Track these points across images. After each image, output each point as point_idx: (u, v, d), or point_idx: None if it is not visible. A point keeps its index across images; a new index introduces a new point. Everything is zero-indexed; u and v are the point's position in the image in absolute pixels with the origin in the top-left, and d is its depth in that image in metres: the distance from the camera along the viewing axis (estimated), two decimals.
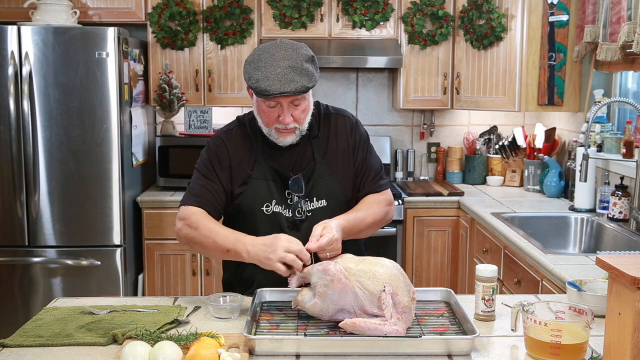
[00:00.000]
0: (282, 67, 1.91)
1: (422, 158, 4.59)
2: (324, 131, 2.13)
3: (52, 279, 3.71)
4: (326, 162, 2.09)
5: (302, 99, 1.98)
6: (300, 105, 1.99)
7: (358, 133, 2.15)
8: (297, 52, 1.96)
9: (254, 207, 2.05)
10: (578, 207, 3.47)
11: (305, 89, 1.92)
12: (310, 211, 2.06)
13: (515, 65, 3.95)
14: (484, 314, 1.84)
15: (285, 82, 1.89)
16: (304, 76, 1.92)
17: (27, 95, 3.57)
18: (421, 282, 3.97)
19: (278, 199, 2.05)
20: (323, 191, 2.07)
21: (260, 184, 2.06)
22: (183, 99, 4.12)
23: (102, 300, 2.08)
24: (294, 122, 1.99)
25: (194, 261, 3.94)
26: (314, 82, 1.95)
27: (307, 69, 1.94)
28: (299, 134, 2.03)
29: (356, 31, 4.14)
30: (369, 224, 2.06)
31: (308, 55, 1.98)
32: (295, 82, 1.90)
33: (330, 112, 2.17)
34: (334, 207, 2.07)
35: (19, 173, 3.63)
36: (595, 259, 1.44)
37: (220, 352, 1.55)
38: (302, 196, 2.05)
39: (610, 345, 1.39)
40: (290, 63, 1.92)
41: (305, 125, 2.04)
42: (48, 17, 3.72)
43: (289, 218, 2.05)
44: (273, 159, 2.07)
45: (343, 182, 2.10)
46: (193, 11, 4.03)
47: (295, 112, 1.98)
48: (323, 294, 1.71)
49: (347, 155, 2.12)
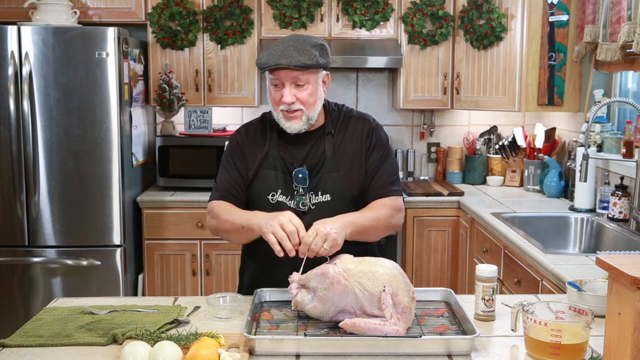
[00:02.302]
0: (286, 46, 2.01)
1: (422, 158, 4.59)
2: (340, 131, 2.16)
3: (52, 279, 3.71)
4: (336, 159, 2.12)
5: (305, 82, 2.03)
6: (305, 88, 2.03)
7: (375, 137, 2.17)
8: (306, 39, 2.05)
9: (260, 196, 2.12)
10: (578, 207, 3.47)
11: (301, 65, 1.98)
12: (315, 204, 2.09)
13: (515, 65, 3.95)
14: (484, 314, 1.84)
15: (283, 57, 1.98)
16: (304, 55, 1.99)
17: (27, 95, 3.57)
18: (421, 282, 3.97)
19: (284, 189, 2.10)
20: (329, 186, 2.10)
21: (269, 174, 2.12)
22: (183, 99, 4.12)
23: (102, 300, 2.08)
24: (299, 103, 2.03)
25: (194, 261, 3.94)
26: (313, 62, 1.99)
27: (309, 51, 2.00)
28: (306, 121, 2.07)
29: (356, 31, 4.14)
30: (370, 225, 2.05)
31: (316, 42, 2.05)
32: (292, 57, 1.98)
33: (352, 115, 2.21)
34: (338, 202, 2.09)
35: (19, 173, 3.63)
36: (595, 259, 1.44)
37: (220, 352, 1.55)
38: (306, 188, 2.08)
39: (610, 345, 1.39)
40: (294, 44, 2.01)
41: (313, 112, 2.07)
42: (48, 17, 3.72)
43: (292, 209, 2.07)
44: (285, 151, 2.13)
45: (350, 180, 2.12)
46: (193, 11, 4.03)
47: (300, 94, 2.03)
48: (323, 298, 1.71)
49: (359, 157, 2.14)
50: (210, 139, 4.07)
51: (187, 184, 4.05)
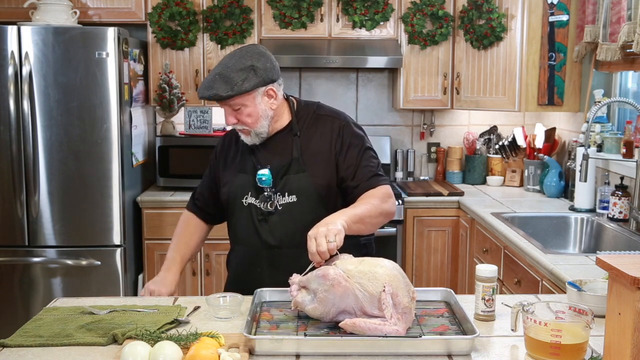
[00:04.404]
0: (214, 73, 2.06)
1: (422, 158, 4.59)
2: (309, 131, 2.19)
3: (52, 279, 3.71)
4: (302, 160, 2.14)
5: (240, 105, 2.07)
6: (242, 110, 2.09)
7: (347, 134, 2.17)
8: (239, 60, 2.06)
9: (235, 199, 2.20)
10: (578, 207, 3.47)
11: (218, 97, 2.04)
12: (282, 205, 2.14)
13: (515, 65, 3.95)
14: (484, 314, 1.84)
15: (207, 89, 2.05)
16: (226, 84, 2.03)
17: (27, 95, 3.57)
18: (421, 282, 3.97)
19: (254, 192, 2.16)
20: (294, 187, 2.13)
21: (242, 177, 2.19)
22: (183, 99, 4.12)
23: (102, 300, 2.08)
24: (240, 124, 2.11)
25: (194, 261, 3.94)
26: (234, 92, 2.03)
27: (232, 78, 2.03)
28: (255, 136, 2.15)
29: (356, 31, 4.14)
30: (363, 213, 2.02)
31: (245, 65, 2.05)
32: (212, 89, 2.03)
33: (321, 114, 2.23)
34: (304, 203, 2.12)
35: (19, 173, 3.63)
36: (595, 259, 1.44)
37: (220, 352, 1.55)
38: (271, 189, 2.13)
39: (610, 345, 1.39)
40: (222, 70, 2.05)
41: (259, 128, 2.13)
42: (48, 17, 3.72)
43: (259, 210, 2.15)
44: (256, 154, 2.19)
45: (317, 180, 2.13)
46: (193, 11, 4.03)
47: (239, 116, 2.09)
48: (324, 299, 1.71)
49: (328, 156, 2.15)
50: (210, 139, 4.06)
51: (187, 184, 4.04)
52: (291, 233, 2.11)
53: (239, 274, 2.24)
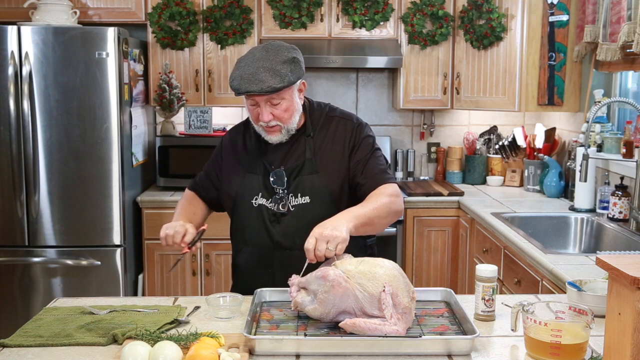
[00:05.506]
0: (256, 67, 2.00)
1: (422, 158, 4.59)
2: (322, 132, 2.17)
3: (52, 279, 3.71)
4: (316, 161, 2.13)
5: (280, 99, 2.04)
6: (281, 105, 2.05)
7: (359, 136, 2.18)
8: (277, 53, 2.03)
9: (244, 199, 2.16)
10: (578, 207, 3.47)
11: (272, 90, 1.98)
12: (294, 206, 2.12)
13: (515, 65, 3.95)
14: (484, 314, 1.84)
15: (253, 82, 1.98)
16: (275, 77, 1.98)
17: (27, 95, 3.57)
18: (421, 282, 3.97)
19: (264, 192, 2.13)
20: (307, 188, 2.12)
21: (252, 178, 2.16)
22: (183, 99, 4.12)
23: (102, 300, 2.08)
24: (276, 120, 2.06)
25: (194, 261, 3.94)
26: (285, 83, 1.99)
27: (279, 70, 1.99)
28: (285, 133, 2.11)
29: (356, 31, 4.14)
30: (373, 214, 2.02)
31: (288, 57, 2.03)
32: (262, 82, 1.97)
33: (334, 116, 2.22)
34: (317, 204, 2.11)
35: (19, 173, 3.63)
36: (595, 259, 1.44)
37: (220, 352, 1.55)
38: (285, 190, 2.11)
39: (610, 345, 1.39)
40: (265, 64, 2.00)
41: (291, 124, 2.10)
42: (48, 17, 3.72)
43: (271, 211, 2.12)
44: (266, 154, 2.16)
45: (330, 181, 2.12)
46: (193, 11, 4.03)
47: (276, 111, 2.05)
48: (324, 300, 1.70)
49: (340, 158, 2.15)
50: (210, 139, 4.06)
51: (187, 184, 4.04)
52: (303, 234, 2.00)
53: (248, 276, 2.19)
